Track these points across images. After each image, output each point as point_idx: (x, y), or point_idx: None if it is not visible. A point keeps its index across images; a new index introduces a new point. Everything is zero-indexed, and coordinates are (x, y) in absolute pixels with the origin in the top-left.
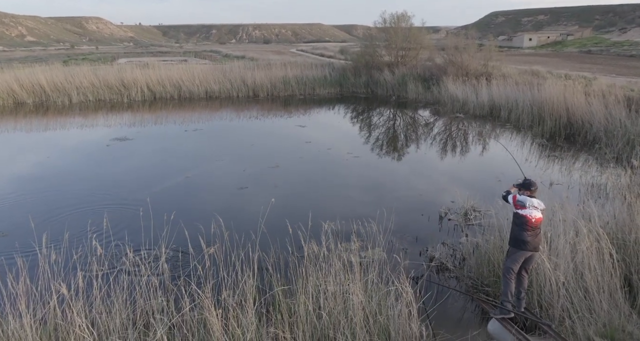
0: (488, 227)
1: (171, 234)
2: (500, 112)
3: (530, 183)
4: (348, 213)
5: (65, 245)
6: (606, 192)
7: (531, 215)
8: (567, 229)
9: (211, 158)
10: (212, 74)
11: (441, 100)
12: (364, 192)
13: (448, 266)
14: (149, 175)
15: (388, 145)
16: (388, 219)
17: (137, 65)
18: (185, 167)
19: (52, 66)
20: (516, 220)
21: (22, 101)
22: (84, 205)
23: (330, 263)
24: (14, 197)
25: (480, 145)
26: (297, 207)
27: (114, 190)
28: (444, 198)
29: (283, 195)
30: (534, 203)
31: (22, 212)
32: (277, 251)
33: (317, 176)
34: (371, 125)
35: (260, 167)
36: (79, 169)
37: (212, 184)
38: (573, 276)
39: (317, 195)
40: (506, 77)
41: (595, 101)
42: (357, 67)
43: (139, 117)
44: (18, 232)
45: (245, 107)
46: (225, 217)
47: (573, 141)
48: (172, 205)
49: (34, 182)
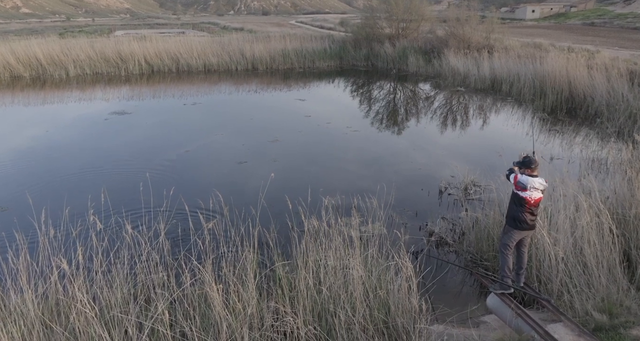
0: (488, 201)
1: (171, 209)
2: (502, 86)
3: (530, 161)
4: (348, 188)
5: (65, 220)
6: (607, 167)
7: (531, 196)
8: (568, 204)
9: (210, 133)
10: (210, 46)
11: (442, 74)
12: (364, 166)
13: (447, 241)
14: (147, 150)
15: (388, 119)
16: (388, 193)
17: (134, 38)
18: (184, 141)
19: (48, 39)
20: (515, 199)
21: (19, 74)
22: (82, 180)
23: (330, 238)
24: (12, 171)
25: (480, 119)
26: (297, 181)
27: (112, 164)
28: (444, 172)
29: (282, 169)
30: (535, 185)
31: (20, 186)
32: (277, 226)
33: (316, 150)
34: (371, 99)
35: (259, 141)
36: (77, 143)
37: (211, 158)
38: (572, 251)
39: (317, 169)
40: (508, 50)
41: (598, 75)
42: (357, 39)
43: (136, 91)
44: (17, 206)
45: (244, 81)
46: (225, 192)
47: (574, 115)
48: (171, 179)
49: (32, 156)
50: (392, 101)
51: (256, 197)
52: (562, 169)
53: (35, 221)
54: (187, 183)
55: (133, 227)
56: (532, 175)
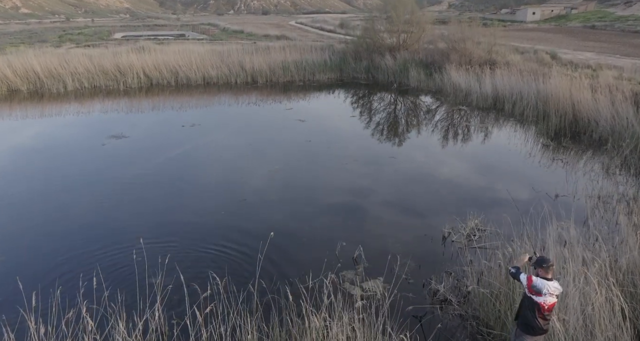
0: (492, 253)
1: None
2: (504, 105)
3: (543, 260)
4: (351, 232)
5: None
6: (613, 206)
7: (545, 302)
8: (577, 277)
9: (210, 166)
10: (209, 58)
11: (444, 89)
12: (366, 206)
13: (452, 302)
14: (141, 201)
15: (389, 142)
16: (390, 238)
17: (133, 50)
18: (181, 182)
19: (45, 50)
20: (528, 304)
21: (16, 88)
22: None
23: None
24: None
25: (484, 147)
26: (297, 224)
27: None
28: (448, 210)
29: (281, 216)
30: (550, 290)
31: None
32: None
33: (317, 184)
34: (372, 118)
35: (261, 171)
36: (68, 181)
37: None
38: (582, 333)
39: (317, 210)
40: (510, 66)
41: (602, 98)
42: (357, 50)
43: (135, 107)
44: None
45: (244, 94)
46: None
47: (579, 140)
48: (166, 248)
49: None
50: (394, 121)
51: (255, 257)
52: (565, 211)
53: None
54: (184, 248)
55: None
56: (546, 278)
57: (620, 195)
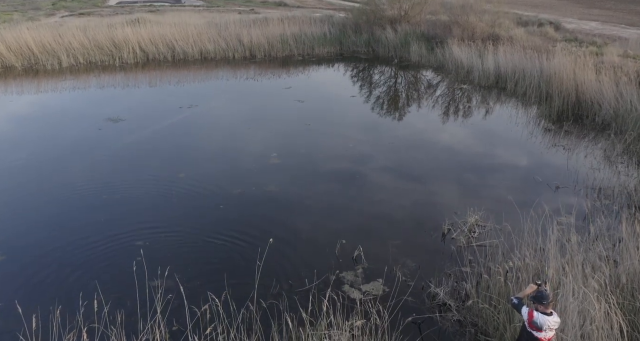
0: (490, 252)
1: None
2: (507, 84)
3: (542, 297)
4: (351, 228)
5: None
6: (613, 200)
7: (545, 337)
8: (577, 288)
9: (203, 159)
10: (206, 32)
11: (445, 65)
12: (366, 198)
13: (451, 307)
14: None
15: (388, 114)
16: (391, 235)
17: (128, 22)
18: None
19: (38, 24)
20: (527, 337)
21: (10, 64)
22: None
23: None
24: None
25: (485, 131)
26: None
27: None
28: (448, 204)
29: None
30: (550, 325)
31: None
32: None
33: (317, 179)
34: (372, 86)
35: (258, 161)
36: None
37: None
38: None
39: (316, 202)
40: (514, 41)
41: (606, 79)
42: (357, 23)
43: (132, 83)
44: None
45: (242, 69)
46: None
47: (581, 123)
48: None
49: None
50: (395, 96)
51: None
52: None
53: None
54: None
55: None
56: (546, 313)
57: (621, 187)
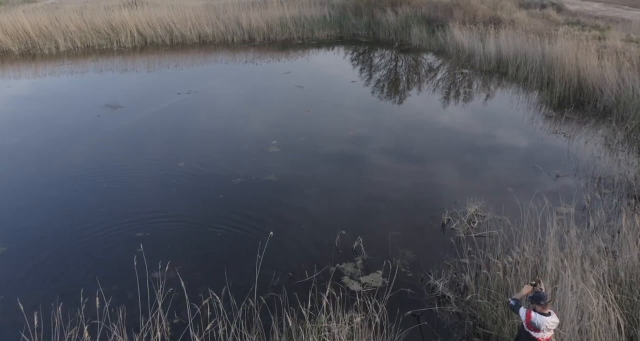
0: (490, 242)
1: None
2: (508, 68)
3: (540, 298)
4: (350, 219)
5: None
6: (613, 191)
7: (543, 337)
8: (576, 283)
9: (204, 146)
10: (204, 14)
11: (446, 49)
12: (366, 185)
13: (450, 299)
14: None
15: (389, 95)
16: (390, 224)
17: (125, 5)
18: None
19: (34, 5)
20: (525, 337)
21: (7, 49)
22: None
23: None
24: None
25: (485, 117)
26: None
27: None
28: (448, 191)
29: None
30: (548, 325)
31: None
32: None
33: (317, 171)
34: (372, 70)
35: (257, 148)
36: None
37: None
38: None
39: (316, 192)
40: (516, 24)
41: (609, 64)
42: (358, 5)
43: (130, 67)
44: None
45: (241, 54)
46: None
47: (582, 110)
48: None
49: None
50: (395, 80)
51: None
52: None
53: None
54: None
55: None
56: (544, 313)
57: (621, 176)
